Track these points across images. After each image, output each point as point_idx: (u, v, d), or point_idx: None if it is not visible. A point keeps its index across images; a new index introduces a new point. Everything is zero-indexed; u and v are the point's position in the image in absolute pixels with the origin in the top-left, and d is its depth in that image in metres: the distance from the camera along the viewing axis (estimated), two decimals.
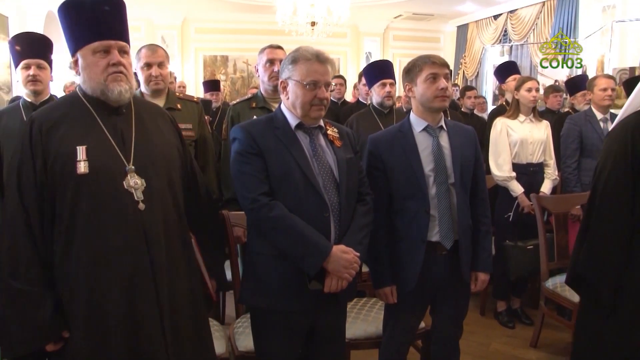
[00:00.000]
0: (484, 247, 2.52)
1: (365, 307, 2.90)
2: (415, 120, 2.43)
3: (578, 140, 4.06)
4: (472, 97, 5.89)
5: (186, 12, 10.64)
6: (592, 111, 4.13)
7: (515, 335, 3.89)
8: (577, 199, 3.75)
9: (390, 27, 12.05)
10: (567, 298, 3.31)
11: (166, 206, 1.95)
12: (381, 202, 2.38)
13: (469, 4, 10.45)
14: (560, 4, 9.03)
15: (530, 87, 3.83)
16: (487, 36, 10.93)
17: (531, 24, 9.67)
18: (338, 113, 5.47)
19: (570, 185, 4.06)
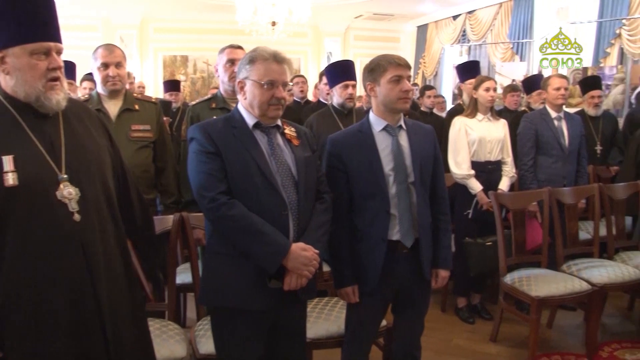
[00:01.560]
0: (444, 245, 2.55)
1: (327, 307, 2.90)
2: (375, 119, 2.45)
3: (534, 139, 4.15)
4: (432, 96, 5.97)
5: (145, 11, 10.49)
6: (546, 110, 4.23)
7: (475, 330, 3.95)
8: (533, 196, 3.84)
9: (351, 27, 12.12)
10: (525, 292, 3.38)
11: (102, 215, 1.84)
12: (342, 201, 2.39)
13: (428, 4, 10.58)
14: (516, 5, 9.24)
15: (488, 87, 3.90)
16: (446, 36, 11.09)
17: (489, 25, 9.86)
18: (300, 112, 5.47)
19: (527, 182, 4.14)
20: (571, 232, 3.92)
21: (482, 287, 4.20)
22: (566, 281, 3.49)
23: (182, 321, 3.71)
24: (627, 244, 4.17)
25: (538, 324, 3.39)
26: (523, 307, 3.82)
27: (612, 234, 4.05)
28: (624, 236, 4.15)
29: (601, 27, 7.52)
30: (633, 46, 7.04)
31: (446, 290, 4.16)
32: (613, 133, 5.34)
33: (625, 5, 7.16)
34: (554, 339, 3.83)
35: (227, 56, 3.21)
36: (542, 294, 3.34)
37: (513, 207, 3.71)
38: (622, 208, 4.16)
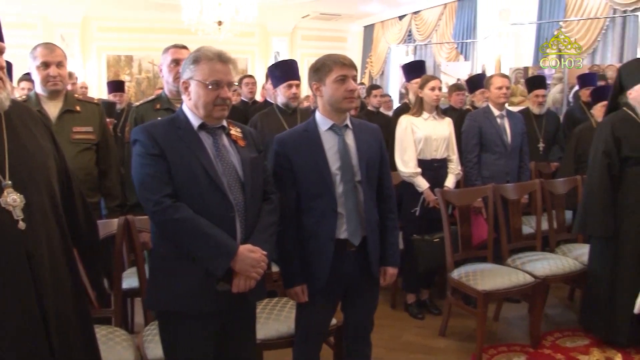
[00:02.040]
0: (391, 242, 2.58)
1: (276, 307, 2.89)
2: (321, 119, 2.45)
3: (478, 136, 4.25)
4: (378, 95, 6.02)
5: (87, 9, 10.21)
6: (489, 108, 4.33)
7: (425, 325, 4.01)
8: (478, 192, 3.93)
9: (298, 27, 12.14)
10: (472, 287, 3.46)
11: (49, 222, 1.77)
12: (289, 201, 2.39)
13: (374, 4, 10.69)
14: (460, 6, 9.44)
15: (434, 86, 3.96)
16: (392, 36, 11.23)
17: (434, 25, 10.04)
18: (247, 112, 5.44)
19: (472, 179, 4.24)
20: (515, 227, 4.03)
21: (431, 283, 4.26)
22: (511, 275, 3.58)
23: (130, 327, 3.62)
24: (567, 237, 4.33)
25: (485, 317, 3.47)
26: (470, 301, 3.90)
27: (553, 227, 4.19)
28: (565, 229, 4.30)
29: (540, 28, 7.76)
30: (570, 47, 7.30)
31: (395, 287, 4.20)
32: (555, 131, 5.53)
33: (562, 8, 7.42)
34: (501, 331, 3.92)
35: (172, 56, 3.15)
36: (488, 288, 3.42)
37: (459, 203, 3.79)
38: (562, 202, 4.31)
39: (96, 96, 8.20)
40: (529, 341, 3.65)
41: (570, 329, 3.89)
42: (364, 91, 7.28)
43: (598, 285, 3.64)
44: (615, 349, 3.54)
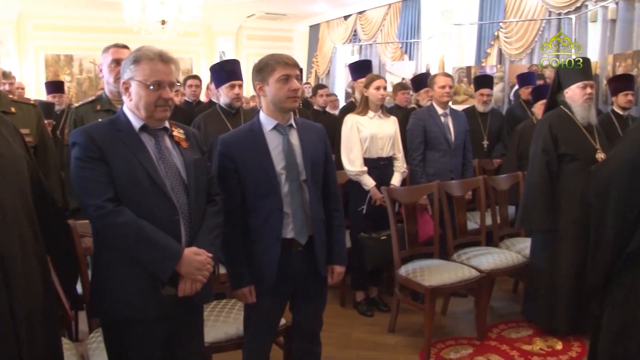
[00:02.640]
0: (338, 241, 2.59)
1: (225, 309, 2.87)
2: (265, 119, 2.44)
3: (422, 134, 4.30)
4: (324, 95, 6.03)
5: (22, 5, 9.82)
6: (433, 107, 4.40)
7: (374, 322, 4.04)
8: (424, 190, 3.99)
9: (244, 27, 12.07)
10: (419, 283, 3.51)
11: (21, 225, 1.74)
12: (234, 202, 2.37)
13: (320, 4, 10.72)
14: (404, 7, 9.57)
15: (379, 86, 3.99)
16: (337, 36, 11.30)
17: (379, 25, 10.15)
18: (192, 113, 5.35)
19: (417, 176, 4.30)
20: (460, 222, 4.12)
21: (379, 280, 4.30)
22: (457, 270, 3.65)
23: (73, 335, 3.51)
24: (511, 232, 4.45)
25: (432, 312, 3.53)
26: (418, 297, 3.96)
27: (497, 222, 4.30)
28: (508, 224, 4.41)
29: (481, 29, 7.96)
30: (510, 47, 7.52)
31: (344, 285, 4.22)
32: (499, 128, 5.67)
33: (502, 9, 7.63)
34: (448, 325, 4.00)
35: (112, 56, 3.07)
36: (435, 284, 3.48)
37: (405, 201, 3.83)
38: (505, 198, 4.42)
39: (34, 97, 7.94)
40: (476, 334, 3.73)
41: (514, 320, 4.00)
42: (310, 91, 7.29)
43: (539, 277, 3.77)
44: (557, 338, 3.67)
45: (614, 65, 6.03)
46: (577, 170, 3.59)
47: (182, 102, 6.53)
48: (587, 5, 6.63)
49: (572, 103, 3.64)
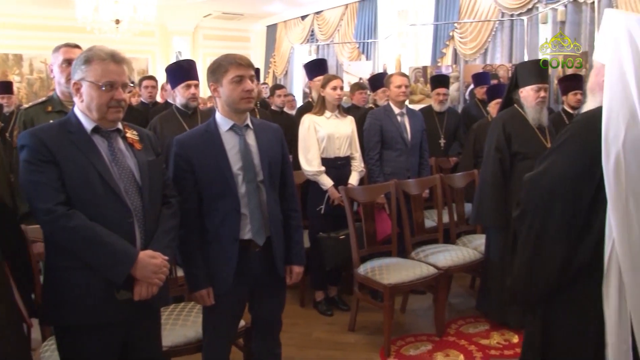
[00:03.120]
0: (296, 241, 2.59)
1: (183, 312, 2.84)
2: (221, 119, 2.42)
3: (379, 134, 4.33)
4: (282, 95, 6.02)
5: None
6: (390, 106, 4.43)
7: (334, 322, 4.05)
8: (381, 189, 4.02)
9: (200, 26, 11.96)
10: (378, 281, 3.54)
11: None
12: (191, 203, 2.35)
13: (277, 4, 10.70)
14: (361, 7, 9.63)
15: (335, 86, 4.00)
16: (295, 36, 11.29)
17: (336, 25, 10.19)
18: (147, 115, 5.27)
19: (374, 175, 4.33)
20: (417, 221, 4.17)
21: (338, 279, 4.31)
22: (415, 267, 3.69)
23: None
24: (467, 229, 4.53)
25: (392, 310, 3.56)
26: (377, 296, 3.98)
27: (453, 220, 4.37)
28: (465, 221, 4.49)
29: (437, 29, 8.08)
30: (464, 47, 7.65)
31: (303, 285, 4.22)
32: (456, 127, 5.76)
33: (456, 10, 7.76)
34: (408, 323, 4.04)
35: (63, 55, 2.99)
36: (394, 282, 3.51)
37: (363, 200, 3.86)
38: (462, 196, 4.50)
39: None
40: (435, 330, 3.78)
41: (472, 316, 4.07)
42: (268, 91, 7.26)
43: (492, 272, 3.86)
44: (513, 331, 3.75)
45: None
46: (528, 168, 3.62)
47: (138, 103, 6.43)
48: (538, 8, 6.80)
49: (525, 103, 3.73)
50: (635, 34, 1.85)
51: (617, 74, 1.84)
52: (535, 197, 1.99)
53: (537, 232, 1.99)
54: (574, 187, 1.90)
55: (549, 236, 1.95)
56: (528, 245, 2.02)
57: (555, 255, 1.94)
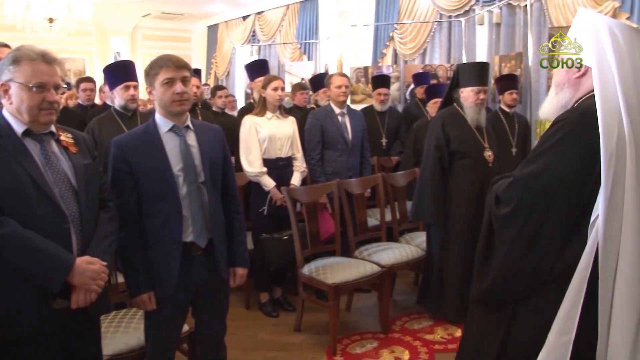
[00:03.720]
0: (239, 243, 2.58)
1: (125, 319, 2.77)
2: (161, 120, 2.39)
3: (320, 134, 4.36)
4: (223, 96, 5.96)
5: None
6: (330, 106, 4.46)
7: (280, 323, 4.05)
8: (323, 189, 4.04)
9: (139, 26, 11.70)
10: (322, 281, 3.55)
11: None
12: (130, 206, 2.31)
13: (218, 4, 10.59)
14: (302, 7, 9.64)
15: (276, 86, 3.99)
16: (236, 36, 11.20)
17: (277, 26, 10.16)
18: (85, 117, 5.13)
19: (316, 175, 4.35)
20: (360, 220, 4.21)
21: (283, 280, 4.31)
22: (359, 266, 3.73)
23: None
24: (410, 227, 4.61)
25: (337, 309, 3.59)
26: (322, 295, 3.99)
27: (396, 218, 4.43)
28: (407, 219, 4.55)
29: (377, 30, 8.17)
30: (404, 48, 7.78)
31: (248, 287, 4.21)
32: (397, 127, 5.85)
33: (396, 11, 7.87)
34: (353, 321, 4.07)
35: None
36: (338, 281, 3.53)
37: (305, 200, 3.87)
38: (404, 194, 4.57)
39: None
40: (380, 328, 3.83)
41: (416, 312, 4.14)
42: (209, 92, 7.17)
43: (432, 268, 3.96)
44: (456, 326, 3.85)
45: (500, 66, 6.39)
46: (467, 167, 3.79)
47: (75, 105, 6.25)
48: (475, 10, 6.98)
49: (465, 103, 3.83)
50: (618, 36, 1.89)
51: (607, 76, 1.86)
52: (532, 196, 1.95)
53: (531, 232, 1.97)
54: (574, 186, 1.89)
55: (545, 235, 1.94)
56: (519, 244, 2.00)
57: (550, 255, 1.94)
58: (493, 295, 2.12)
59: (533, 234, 1.96)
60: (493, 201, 2.12)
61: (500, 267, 2.07)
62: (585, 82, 2.00)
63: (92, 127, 3.61)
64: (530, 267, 1.98)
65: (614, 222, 1.81)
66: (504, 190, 2.07)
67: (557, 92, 2.10)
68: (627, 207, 1.81)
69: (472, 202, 3.76)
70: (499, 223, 2.10)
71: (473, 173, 3.78)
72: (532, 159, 2.00)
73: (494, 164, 3.83)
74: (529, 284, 2.00)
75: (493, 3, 6.67)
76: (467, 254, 3.75)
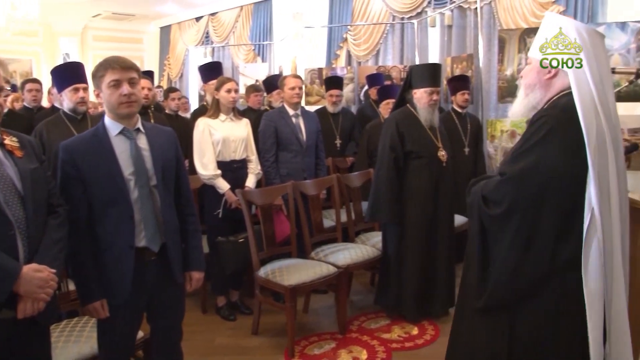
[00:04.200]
0: (193, 246, 2.55)
1: (76, 328, 2.70)
2: (111, 123, 2.33)
3: (274, 136, 4.34)
4: (176, 98, 5.88)
5: None
6: (284, 108, 4.45)
7: (237, 326, 4.02)
8: (278, 190, 4.04)
9: (89, 27, 11.45)
10: (279, 283, 3.55)
11: None
12: (80, 212, 2.25)
13: (170, 5, 10.46)
14: (256, 9, 9.61)
15: (230, 88, 3.96)
16: (189, 37, 11.08)
17: (231, 27, 10.10)
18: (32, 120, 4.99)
19: (271, 177, 4.33)
20: (316, 221, 4.22)
21: (239, 283, 4.28)
22: (315, 267, 3.73)
23: None
24: (365, 227, 4.65)
25: (294, 311, 3.58)
26: (279, 297, 3.99)
27: (351, 219, 4.46)
28: (362, 220, 4.59)
29: (331, 31, 8.21)
30: (357, 49, 7.83)
31: (205, 291, 4.17)
32: (351, 127, 5.89)
33: (349, 13, 7.93)
34: (311, 322, 4.08)
35: None
36: (294, 282, 3.53)
37: (260, 202, 3.86)
38: (359, 195, 4.61)
39: None
40: (338, 328, 3.85)
41: (373, 311, 4.18)
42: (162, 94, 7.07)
43: (388, 268, 4.00)
44: (412, 324, 3.91)
45: (452, 67, 6.51)
46: (421, 167, 3.84)
47: (21, 108, 6.07)
48: (427, 12, 7.09)
49: (418, 104, 3.89)
50: (585, 38, 1.98)
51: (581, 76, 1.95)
52: (526, 194, 1.98)
53: (529, 230, 1.99)
54: (565, 179, 1.93)
55: (543, 232, 1.97)
56: (517, 244, 2.02)
57: (547, 251, 1.97)
58: (496, 298, 2.13)
59: (531, 232, 2.00)
60: (481, 202, 2.13)
61: (501, 269, 2.09)
62: (556, 82, 2.07)
63: (40, 130, 3.51)
64: (530, 266, 2.01)
65: (604, 212, 1.89)
66: (492, 190, 2.10)
67: (527, 94, 2.15)
68: (613, 194, 1.90)
69: (428, 201, 3.83)
70: (492, 224, 2.12)
71: (428, 173, 3.85)
72: (519, 156, 2.04)
73: (448, 164, 3.90)
74: (530, 282, 2.03)
75: (444, 5, 6.79)
76: (424, 253, 3.85)
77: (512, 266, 2.05)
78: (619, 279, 1.93)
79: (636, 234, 2.39)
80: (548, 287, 2.02)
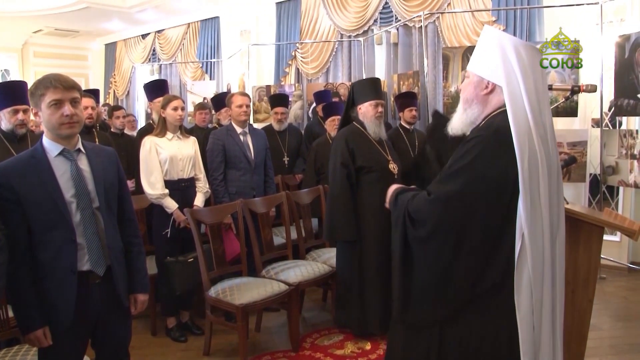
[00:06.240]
0: (138, 269, 2.49)
1: (17, 356, 2.60)
2: (50, 144, 2.26)
3: (222, 154, 4.32)
4: (121, 116, 5.79)
5: None
6: (232, 125, 4.44)
7: (188, 347, 3.95)
8: (227, 209, 4.01)
9: (30, 43, 11.16)
10: (229, 302, 3.51)
11: None
12: (19, 237, 2.16)
13: (115, 22, 10.32)
14: (203, 26, 9.59)
15: (176, 106, 3.92)
16: (136, 55, 10.95)
17: (178, 44, 10.04)
18: None
19: (220, 196, 4.30)
20: (266, 239, 4.20)
21: (190, 303, 4.20)
22: (266, 285, 3.71)
23: None
24: (316, 243, 4.66)
25: (246, 330, 3.55)
26: (231, 317, 3.94)
27: (302, 236, 4.46)
28: (313, 236, 4.60)
29: (279, 49, 8.26)
30: (306, 67, 7.90)
31: (154, 313, 4.09)
32: (298, 144, 5.91)
33: (297, 31, 8.00)
34: (263, 341, 4.04)
35: None
36: (245, 301, 3.50)
37: (209, 221, 3.83)
38: (308, 211, 4.62)
39: None
40: (290, 346, 3.82)
41: (326, 328, 4.18)
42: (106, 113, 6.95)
43: (347, 284, 3.98)
44: (365, 339, 3.91)
45: (399, 84, 6.63)
46: (374, 181, 3.87)
47: None
48: (373, 30, 7.23)
49: (364, 119, 3.93)
50: (522, 54, 1.98)
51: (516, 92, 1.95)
52: (451, 216, 1.98)
53: (451, 254, 1.99)
54: (493, 200, 1.93)
55: (465, 259, 1.97)
56: (438, 269, 2.02)
57: (473, 270, 1.97)
58: (417, 316, 2.14)
59: (452, 257, 1.99)
60: (407, 218, 2.13)
61: (423, 287, 2.08)
62: (494, 98, 2.07)
63: None
64: (451, 293, 2.01)
65: (536, 235, 1.90)
66: (418, 209, 2.09)
67: (465, 109, 2.15)
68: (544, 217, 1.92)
69: (383, 215, 3.83)
70: (414, 243, 2.11)
71: (380, 186, 3.84)
72: (448, 176, 2.03)
73: (399, 176, 3.94)
74: (452, 308, 2.03)
75: (390, 23, 6.94)
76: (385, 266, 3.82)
77: (432, 290, 2.07)
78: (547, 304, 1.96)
79: (578, 244, 2.46)
80: (472, 310, 2.03)
